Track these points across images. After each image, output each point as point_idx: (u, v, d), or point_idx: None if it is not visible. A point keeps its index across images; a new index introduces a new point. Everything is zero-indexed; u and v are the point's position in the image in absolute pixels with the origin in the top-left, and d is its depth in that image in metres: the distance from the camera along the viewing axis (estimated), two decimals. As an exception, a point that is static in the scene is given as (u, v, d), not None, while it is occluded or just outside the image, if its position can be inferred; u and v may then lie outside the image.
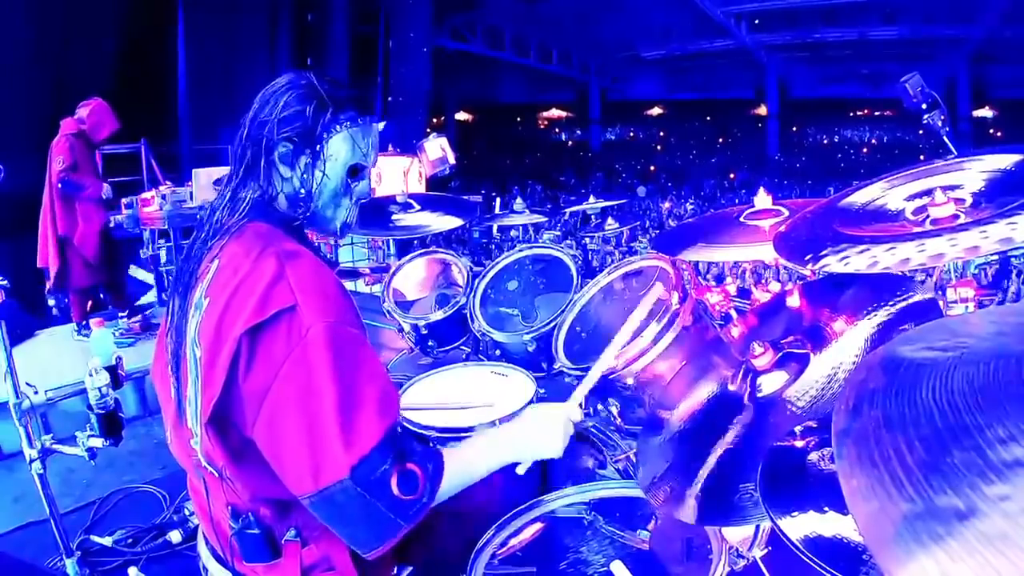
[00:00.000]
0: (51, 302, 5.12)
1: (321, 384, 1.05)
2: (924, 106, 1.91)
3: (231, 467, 1.13)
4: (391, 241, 6.18)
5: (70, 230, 4.47)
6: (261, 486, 1.14)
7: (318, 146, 1.20)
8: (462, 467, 1.17)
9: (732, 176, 21.23)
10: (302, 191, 1.21)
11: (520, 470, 1.26)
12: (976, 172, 1.20)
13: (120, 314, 4.69)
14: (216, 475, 1.15)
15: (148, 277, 5.93)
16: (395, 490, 1.05)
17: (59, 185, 4.33)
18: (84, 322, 4.63)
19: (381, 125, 1.31)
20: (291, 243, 1.17)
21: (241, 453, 1.12)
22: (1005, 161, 1.18)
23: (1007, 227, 0.97)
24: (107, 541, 2.41)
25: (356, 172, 1.25)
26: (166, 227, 5.19)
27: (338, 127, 1.21)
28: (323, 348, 1.05)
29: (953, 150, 1.72)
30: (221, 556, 1.24)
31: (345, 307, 1.12)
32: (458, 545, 1.28)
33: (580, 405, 1.31)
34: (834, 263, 1.10)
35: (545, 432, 1.25)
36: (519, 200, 3.55)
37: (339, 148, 1.21)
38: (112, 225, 4.71)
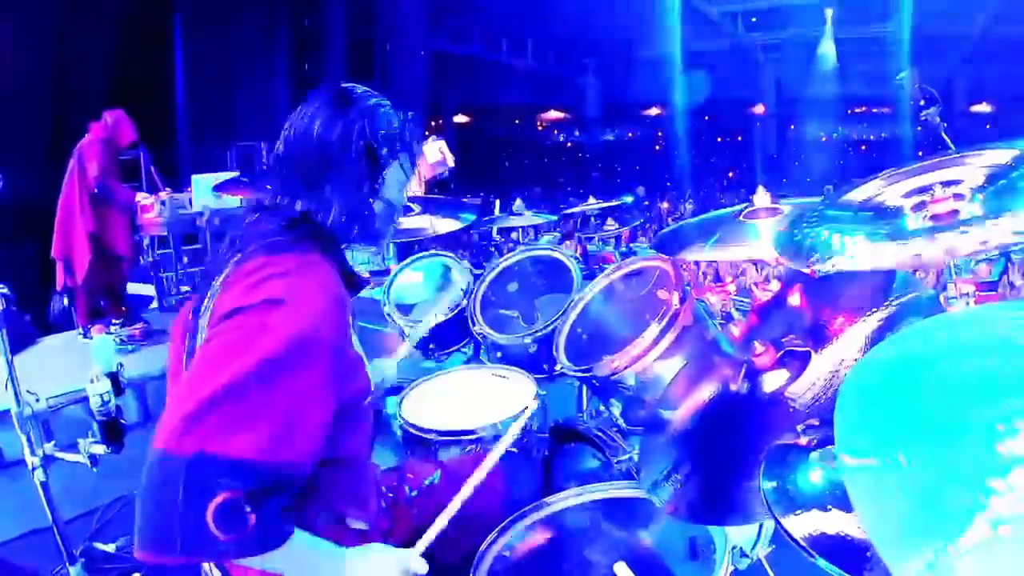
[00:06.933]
0: (65, 302, 5.16)
1: (237, 362, 0.99)
2: (922, 102, 1.91)
3: None
4: (391, 244, 6.17)
5: (97, 228, 4.61)
6: None
7: (385, 171, 1.24)
8: (286, 565, 1.05)
9: (731, 175, 21.22)
10: (365, 212, 1.23)
11: None
12: (975, 167, 1.20)
13: (114, 321, 4.70)
14: None
15: (149, 289, 5.91)
16: (209, 514, 0.93)
17: (96, 190, 4.51)
18: (89, 326, 4.65)
19: None
20: (316, 256, 1.16)
21: None
22: (1004, 156, 1.18)
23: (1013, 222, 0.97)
24: (110, 548, 2.41)
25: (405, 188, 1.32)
26: (165, 233, 5.20)
27: (402, 154, 1.26)
28: (272, 342, 1.01)
29: (951, 145, 1.73)
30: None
31: (329, 334, 1.08)
32: (461, 549, 1.28)
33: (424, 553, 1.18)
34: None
35: None
36: (519, 202, 3.55)
37: (399, 172, 1.27)
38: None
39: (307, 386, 1.04)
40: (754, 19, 18.46)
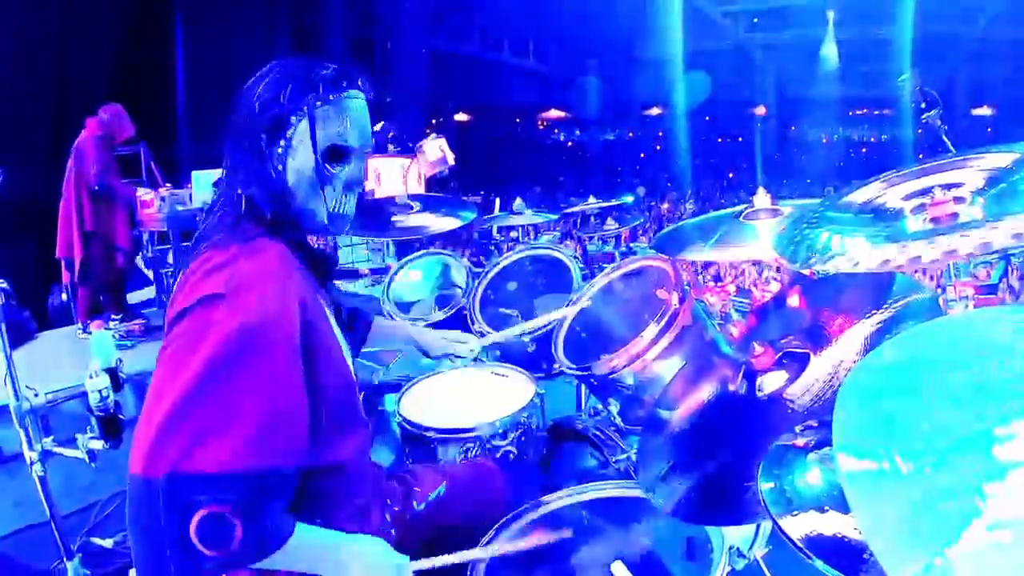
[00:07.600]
0: (64, 296, 5.18)
1: (188, 370, 0.94)
2: (923, 104, 1.91)
3: None
4: (390, 243, 6.18)
5: (98, 225, 4.61)
6: None
7: (288, 132, 1.11)
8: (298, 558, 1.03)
9: (731, 176, 21.23)
10: (280, 185, 1.13)
11: None
12: (976, 170, 1.20)
13: (113, 317, 4.71)
14: None
15: (149, 273, 5.96)
16: (192, 532, 0.90)
17: (96, 187, 4.50)
18: (89, 321, 4.67)
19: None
20: (261, 239, 1.09)
21: None
22: (1005, 159, 1.18)
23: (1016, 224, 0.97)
24: (108, 543, 2.41)
25: (337, 155, 1.14)
26: (165, 229, 5.21)
27: (305, 109, 1.10)
28: (217, 340, 0.95)
29: (951, 148, 1.73)
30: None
31: (282, 318, 1.02)
32: (458, 548, 1.27)
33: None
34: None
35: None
36: (519, 200, 3.54)
37: (308, 132, 1.11)
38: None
39: (269, 378, 0.98)
40: (755, 20, 18.50)
